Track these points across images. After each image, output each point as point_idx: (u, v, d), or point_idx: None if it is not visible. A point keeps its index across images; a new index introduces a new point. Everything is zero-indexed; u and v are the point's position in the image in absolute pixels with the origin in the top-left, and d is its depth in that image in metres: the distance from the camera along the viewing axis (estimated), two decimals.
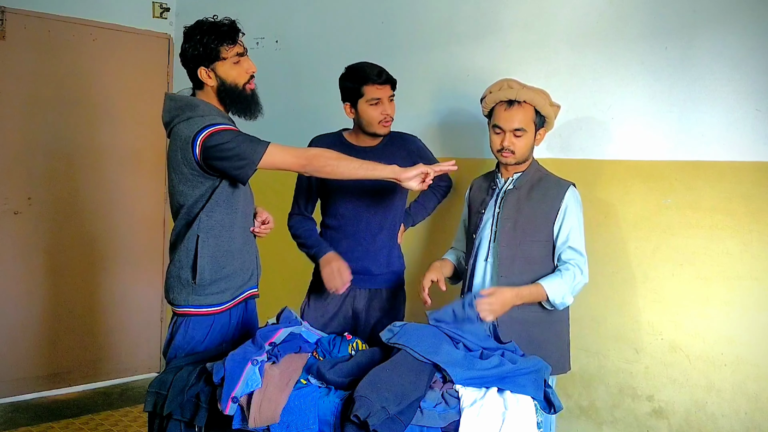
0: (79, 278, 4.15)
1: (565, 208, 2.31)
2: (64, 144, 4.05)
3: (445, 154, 3.14)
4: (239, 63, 2.19)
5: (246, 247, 2.30)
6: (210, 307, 2.20)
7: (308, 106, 3.64)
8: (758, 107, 2.26)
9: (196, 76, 2.19)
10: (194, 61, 2.16)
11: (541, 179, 2.38)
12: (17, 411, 3.79)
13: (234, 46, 2.18)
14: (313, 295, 2.69)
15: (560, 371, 2.38)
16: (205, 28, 2.16)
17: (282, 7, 3.87)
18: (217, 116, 2.15)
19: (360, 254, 2.61)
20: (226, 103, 2.21)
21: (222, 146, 2.07)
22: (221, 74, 2.17)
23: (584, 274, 2.28)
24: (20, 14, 3.82)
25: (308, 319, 2.57)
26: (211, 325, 2.20)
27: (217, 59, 2.15)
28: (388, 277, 2.68)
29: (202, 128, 2.08)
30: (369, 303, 2.65)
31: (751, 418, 2.29)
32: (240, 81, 2.19)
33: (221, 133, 2.08)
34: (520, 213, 2.34)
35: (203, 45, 2.14)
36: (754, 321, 2.29)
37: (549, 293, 2.24)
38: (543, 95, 2.32)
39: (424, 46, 3.21)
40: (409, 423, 1.72)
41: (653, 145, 2.50)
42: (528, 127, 2.31)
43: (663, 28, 2.45)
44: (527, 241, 2.31)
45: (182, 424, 1.87)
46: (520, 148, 2.32)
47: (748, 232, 2.29)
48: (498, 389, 1.86)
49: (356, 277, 2.60)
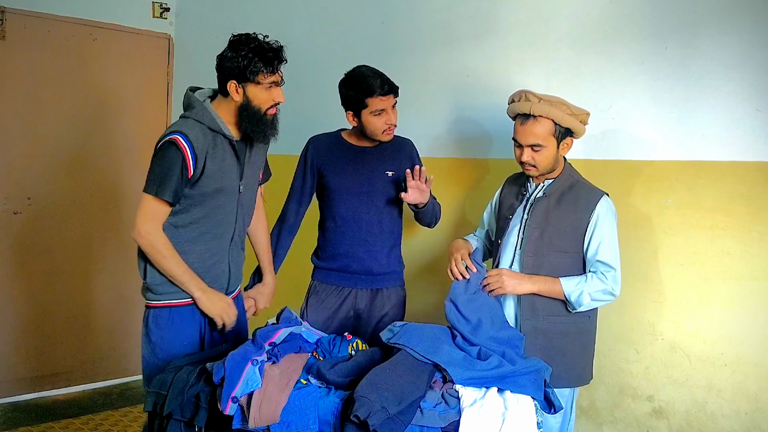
0: (79, 278, 4.14)
1: (596, 220, 2.22)
2: (64, 144, 4.05)
3: (444, 154, 3.14)
4: (269, 91, 2.19)
5: (210, 254, 2.29)
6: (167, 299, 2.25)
7: (308, 106, 3.64)
8: (758, 107, 2.26)
9: (225, 86, 2.19)
10: (230, 73, 2.15)
11: (572, 186, 2.28)
12: (17, 411, 3.79)
13: (273, 75, 2.18)
14: (313, 296, 2.70)
15: (583, 382, 2.34)
16: (252, 46, 2.13)
17: (282, 7, 3.87)
18: (195, 123, 2.17)
19: (361, 255, 2.62)
20: (242, 121, 2.20)
21: (154, 158, 2.16)
22: (249, 95, 2.17)
23: (615, 287, 2.19)
24: (20, 14, 3.82)
25: (308, 320, 2.57)
26: (170, 318, 2.26)
27: (251, 81, 2.15)
28: (388, 277, 2.68)
29: (166, 134, 2.15)
30: (371, 303, 2.65)
31: (751, 418, 2.29)
32: (264, 106, 2.19)
33: (170, 149, 2.13)
34: (549, 222, 2.26)
35: (244, 62, 2.12)
36: (754, 321, 2.29)
37: (565, 288, 2.19)
38: (560, 106, 2.20)
39: (424, 46, 3.21)
40: (409, 423, 1.72)
41: (653, 145, 2.50)
42: (546, 142, 2.21)
43: (663, 28, 2.45)
44: (553, 252, 2.25)
45: (182, 424, 1.87)
46: (540, 162, 2.24)
47: (748, 232, 2.29)
48: (498, 389, 1.86)
49: (358, 278, 2.62)
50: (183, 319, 2.26)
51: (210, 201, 2.23)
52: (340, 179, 2.60)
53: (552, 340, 2.25)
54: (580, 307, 2.21)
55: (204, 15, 4.32)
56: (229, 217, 2.30)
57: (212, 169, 2.19)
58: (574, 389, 2.32)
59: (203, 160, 2.16)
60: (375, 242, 2.63)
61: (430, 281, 3.19)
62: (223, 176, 2.22)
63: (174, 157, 2.12)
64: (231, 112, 2.21)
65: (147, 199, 2.17)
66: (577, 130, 2.26)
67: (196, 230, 2.24)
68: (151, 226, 2.17)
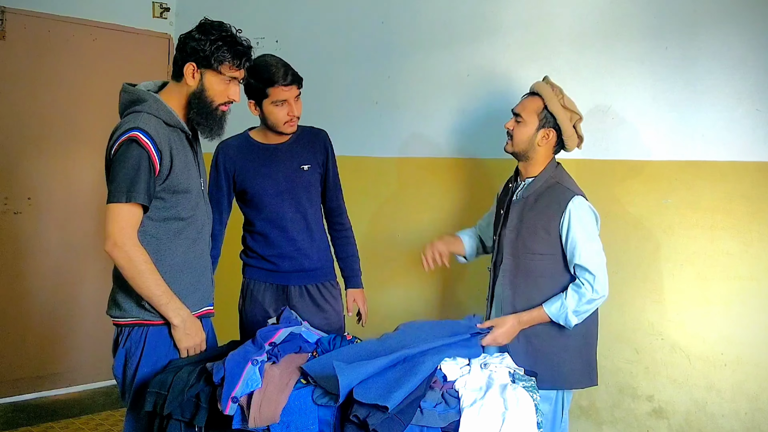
0: (79, 278, 4.15)
1: (568, 222, 2.16)
2: (64, 144, 4.05)
3: (444, 154, 3.14)
4: (228, 85, 2.05)
5: (192, 264, 2.10)
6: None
7: (308, 106, 3.63)
8: (758, 107, 2.26)
9: (180, 68, 2.03)
10: (191, 54, 2.01)
11: (550, 187, 2.23)
12: (17, 411, 3.79)
13: (238, 70, 2.05)
14: (248, 294, 2.63)
15: (572, 386, 2.29)
16: (224, 35, 2.02)
17: (282, 7, 3.87)
18: (151, 117, 1.98)
19: (291, 254, 2.56)
20: (191, 110, 2.05)
21: (118, 158, 1.93)
22: (206, 83, 2.02)
23: (596, 291, 2.14)
24: (20, 14, 3.82)
25: (246, 317, 2.56)
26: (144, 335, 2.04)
27: (213, 68, 2.01)
28: (320, 272, 2.63)
29: (122, 132, 1.94)
30: (307, 300, 2.60)
31: (751, 418, 2.29)
32: (218, 100, 2.05)
33: (131, 147, 1.92)
34: (523, 224, 2.24)
35: (212, 47, 1.99)
36: (754, 321, 2.29)
37: (550, 315, 2.18)
38: (558, 93, 2.22)
39: (424, 46, 3.21)
40: (409, 423, 1.72)
41: (653, 145, 2.50)
42: (528, 117, 2.22)
43: (663, 28, 2.45)
44: (527, 255, 2.23)
45: (182, 424, 1.87)
46: (516, 136, 2.25)
47: (748, 232, 2.29)
48: (500, 390, 1.86)
49: (289, 276, 2.57)
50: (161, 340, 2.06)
51: (182, 201, 2.05)
52: (256, 183, 2.52)
53: (531, 341, 2.23)
54: (573, 324, 2.18)
55: (204, 15, 4.30)
56: (201, 219, 2.13)
57: (179, 166, 2.02)
58: (561, 392, 2.27)
59: (168, 155, 1.98)
60: (303, 240, 2.57)
61: (430, 280, 3.19)
62: (188, 173, 2.06)
63: (138, 155, 1.92)
64: (181, 101, 2.04)
65: (117, 207, 1.92)
66: (563, 127, 2.22)
67: (173, 227, 2.04)
68: (127, 234, 1.92)
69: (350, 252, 2.73)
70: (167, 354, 2.06)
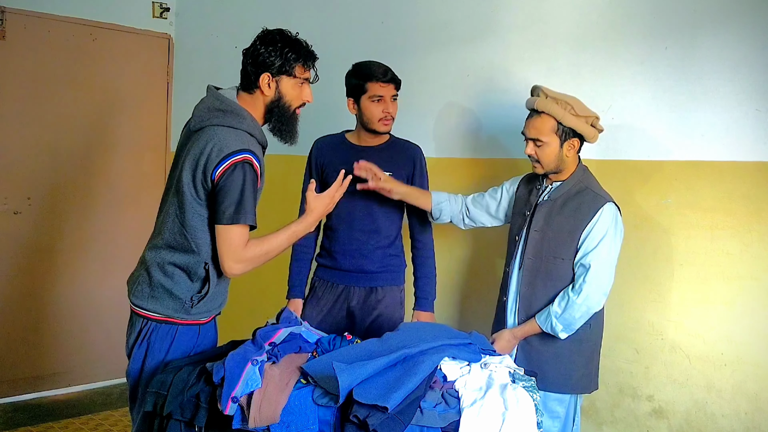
0: (78, 278, 4.15)
1: (593, 226, 2.18)
2: (64, 144, 4.05)
3: (444, 154, 3.14)
4: (301, 88, 2.12)
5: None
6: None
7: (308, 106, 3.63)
8: (758, 107, 2.26)
9: (253, 79, 2.07)
10: (263, 66, 2.05)
11: (580, 192, 2.25)
12: (17, 411, 3.79)
13: (308, 70, 2.13)
14: (311, 293, 2.71)
15: (581, 390, 2.31)
16: (288, 40, 2.07)
17: (282, 7, 3.87)
18: (251, 138, 2.04)
19: (353, 253, 2.63)
20: (270, 117, 2.12)
21: (235, 179, 1.96)
22: (282, 89, 2.09)
23: (587, 298, 2.14)
24: (20, 14, 3.82)
25: (306, 317, 2.57)
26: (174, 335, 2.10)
27: (287, 73, 2.07)
28: (382, 276, 2.67)
29: (234, 152, 1.96)
30: (363, 302, 2.65)
31: (751, 418, 2.29)
32: (294, 103, 2.13)
33: (247, 170, 1.97)
34: (549, 227, 2.26)
35: (282, 54, 2.05)
36: (754, 321, 2.29)
37: (539, 323, 2.23)
38: (565, 105, 2.19)
39: (424, 46, 3.21)
40: (409, 423, 1.72)
41: (653, 145, 2.50)
42: (547, 138, 2.21)
43: (663, 28, 2.45)
44: (550, 258, 2.24)
45: (182, 424, 1.87)
46: (542, 158, 2.25)
47: (748, 232, 2.29)
48: (500, 390, 1.86)
49: (350, 275, 2.64)
50: (189, 338, 2.13)
51: None
52: (336, 176, 2.58)
53: (523, 346, 2.28)
54: (561, 331, 2.19)
55: (204, 15, 4.31)
56: None
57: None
58: (575, 396, 2.30)
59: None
60: (367, 241, 2.62)
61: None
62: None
63: (252, 179, 1.99)
64: (257, 112, 2.11)
65: (238, 229, 1.97)
66: (584, 132, 2.23)
67: None
68: (240, 251, 1.99)
69: (424, 273, 2.72)
70: (192, 351, 2.12)
